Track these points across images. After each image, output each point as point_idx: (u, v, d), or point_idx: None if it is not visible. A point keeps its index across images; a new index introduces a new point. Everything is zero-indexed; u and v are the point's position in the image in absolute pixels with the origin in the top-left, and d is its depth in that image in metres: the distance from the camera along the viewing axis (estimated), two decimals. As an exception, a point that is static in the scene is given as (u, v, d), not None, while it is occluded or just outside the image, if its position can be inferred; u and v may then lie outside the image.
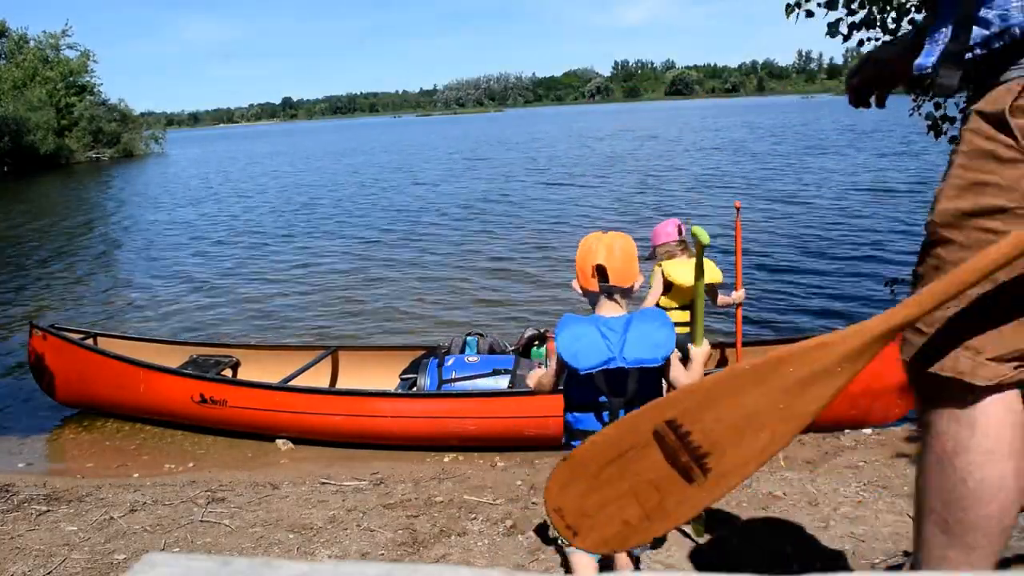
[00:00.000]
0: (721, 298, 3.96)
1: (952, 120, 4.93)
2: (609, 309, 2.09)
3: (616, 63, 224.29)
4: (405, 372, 4.69)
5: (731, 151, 24.73)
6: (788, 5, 4.83)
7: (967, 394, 1.29)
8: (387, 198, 17.31)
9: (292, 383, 4.53)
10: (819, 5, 4.79)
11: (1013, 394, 1.29)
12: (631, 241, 2.16)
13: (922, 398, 1.36)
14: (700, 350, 2.14)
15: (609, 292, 2.08)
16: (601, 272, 2.06)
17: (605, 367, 1.99)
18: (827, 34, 4.80)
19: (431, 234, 11.95)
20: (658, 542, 2.86)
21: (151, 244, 12.55)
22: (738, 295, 3.95)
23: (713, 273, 3.72)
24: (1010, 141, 1.18)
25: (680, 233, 3.85)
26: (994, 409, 1.29)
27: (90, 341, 5.02)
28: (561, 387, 2.15)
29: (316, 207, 16.40)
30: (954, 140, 4.82)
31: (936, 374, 1.30)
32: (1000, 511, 1.29)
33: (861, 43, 4.97)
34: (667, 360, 2.03)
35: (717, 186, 15.76)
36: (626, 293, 2.11)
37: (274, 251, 11.28)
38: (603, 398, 2.05)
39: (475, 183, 19.45)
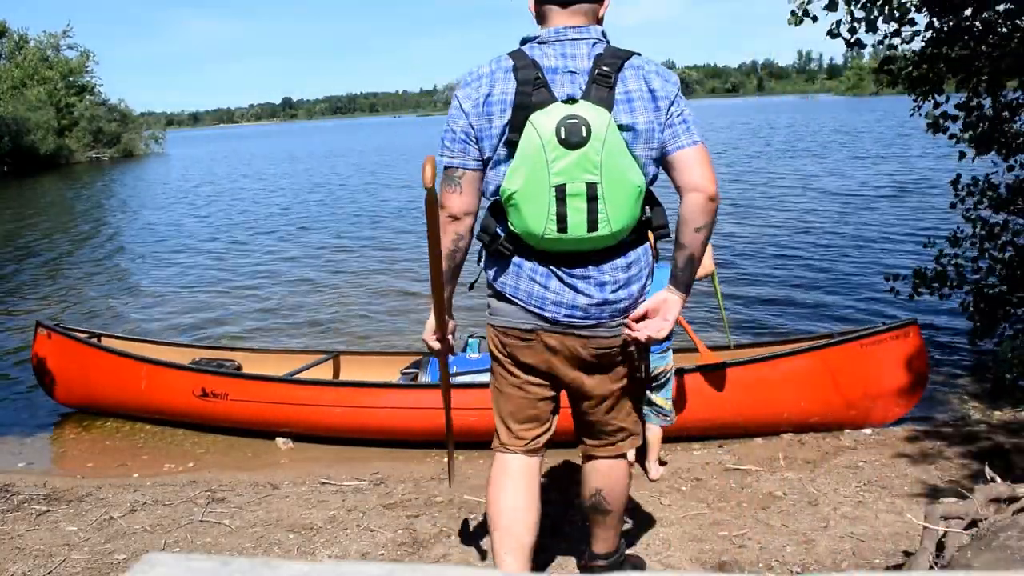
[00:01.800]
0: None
1: (955, 119, 4.93)
2: None
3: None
4: (406, 369, 4.70)
5: (725, 152, 24.74)
6: (793, 12, 4.84)
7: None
8: (388, 200, 17.33)
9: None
10: (823, 8, 4.79)
11: (513, 459, 2.39)
12: None
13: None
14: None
15: None
16: None
17: None
18: (828, 34, 4.80)
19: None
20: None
21: (151, 246, 12.55)
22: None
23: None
24: None
25: None
26: (496, 462, 2.41)
27: (94, 340, 5.02)
28: None
29: (317, 209, 16.42)
30: (953, 137, 4.78)
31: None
32: (496, 521, 2.34)
33: (862, 44, 4.96)
34: None
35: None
36: None
37: (275, 254, 11.27)
38: None
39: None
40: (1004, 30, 4.54)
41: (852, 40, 4.72)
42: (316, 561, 0.61)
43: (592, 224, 1.96)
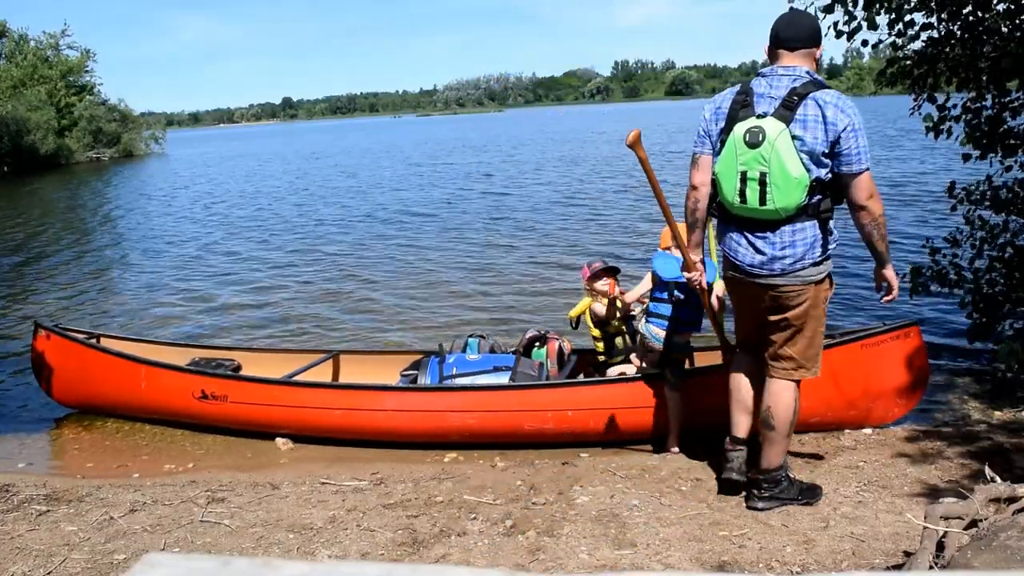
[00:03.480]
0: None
1: (956, 119, 4.91)
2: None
3: (616, 63, 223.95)
4: (406, 370, 4.69)
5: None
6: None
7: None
8: (385, 202, 17.33)
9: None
10: (820, 9, 4.78)
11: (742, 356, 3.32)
12: None
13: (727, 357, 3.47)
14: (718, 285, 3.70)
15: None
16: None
17: (676, 279, 3.63)
18: (835, 36, 4.79)
19: (431, 239, 11.95)
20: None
21: (151, 246, 12.55)
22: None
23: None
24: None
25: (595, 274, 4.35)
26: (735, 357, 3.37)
27: (93, 341, 5.01)
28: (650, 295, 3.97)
29: (315, 210, 16.40)
30: (951, 135, 4.76)
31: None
32: (732, 395, 3.33)
33: (865, 43, 4.96)
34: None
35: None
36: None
37: (274, 253, 11.27)
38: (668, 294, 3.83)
39: (472, 186, 19.45)
40: (1004, 30, 4.53)
41: (851, 31, 4.71)
42: (316, 561, 0.61)
43: (762, 200, 2.85)
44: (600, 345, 4.40)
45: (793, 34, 2.92)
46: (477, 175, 21.69)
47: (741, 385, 3.29)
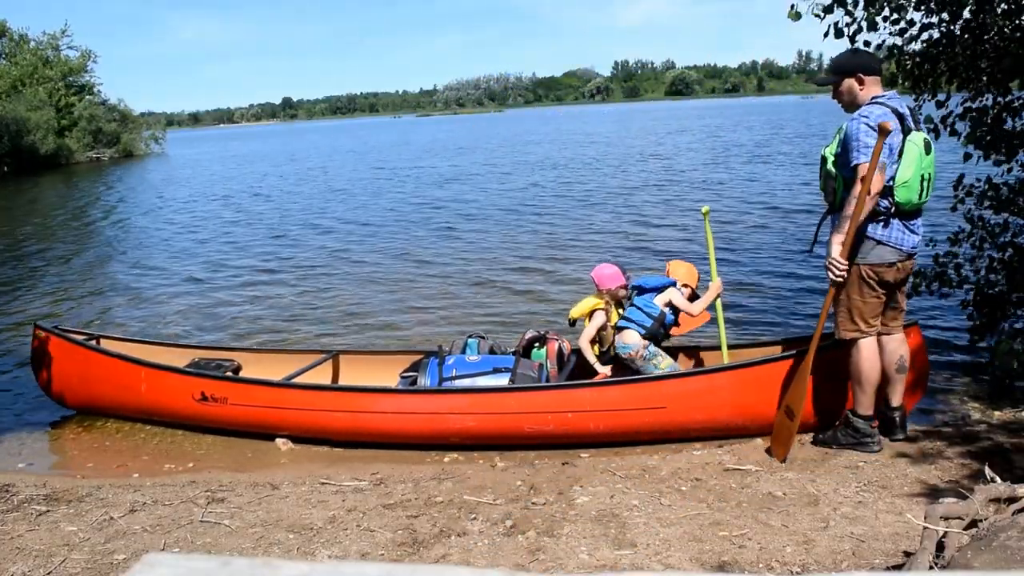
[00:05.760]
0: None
1: (960, 118, 4.91)
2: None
3: (616, 63, 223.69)
4: (405, 371, 4.69)
5: (714, 154, 24.71)
6: (792, 7, 4.82)
7: (852, 341, 3.76)
8: (385, 202, 17.32)
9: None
10: (820, 8, 4.77)
11: (870, 339, 3.75)
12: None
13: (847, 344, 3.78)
14: (715, 283, 4.36)
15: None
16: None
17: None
18: (835, 36, 4.77)
19: (431, 240, 11.95)
20: None
21: (151, 246, 12.54)
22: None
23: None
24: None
25: (627, 282, 4.52)
26: (862, 344, 3.74)
27: (93, 343, 5.00)
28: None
29: (315, 211, 16.40)
30: (955, 135, 4.80)
31: (843, 336, 3.77)
32: (869, 379, 3.76)
33: (867, 44, 4.95)
34: (665, 288, 4.33)
35: (696, 188, 15.76)
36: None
37: (274, 256, 11.27)
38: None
39: (471, 188, 19.44)
40: (1005, 30, 4.53)
41: (852, 35, 4.71)
42: (316, 561, 0.61)
43: (927, 194, 3.60)
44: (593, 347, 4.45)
45: (879, 65, 3.77)
46: (474, 176, 21.68)
47: (878, 366, 3.79)
